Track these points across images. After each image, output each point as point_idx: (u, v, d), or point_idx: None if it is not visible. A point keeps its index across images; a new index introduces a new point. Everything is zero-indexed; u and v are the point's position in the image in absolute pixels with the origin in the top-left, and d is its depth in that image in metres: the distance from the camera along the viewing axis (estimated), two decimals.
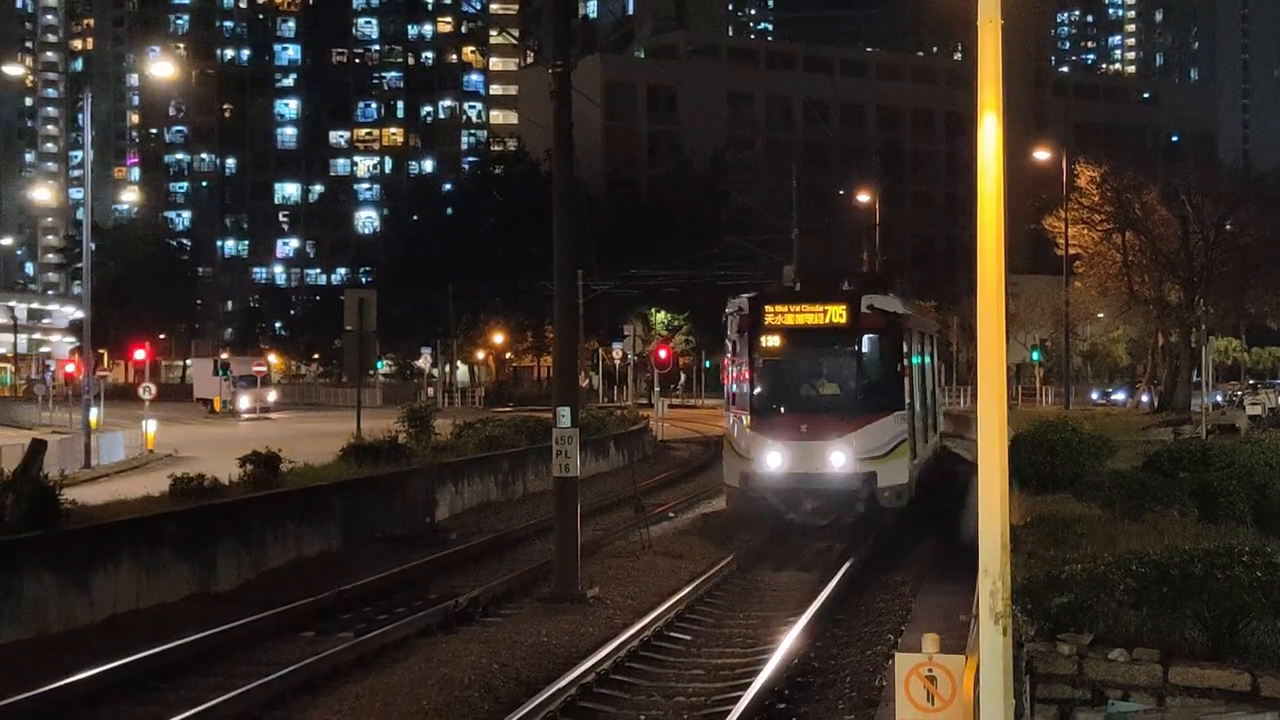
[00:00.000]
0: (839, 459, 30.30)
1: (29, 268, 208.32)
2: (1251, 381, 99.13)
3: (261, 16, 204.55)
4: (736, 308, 33.51)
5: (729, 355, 36.81)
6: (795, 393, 33.08)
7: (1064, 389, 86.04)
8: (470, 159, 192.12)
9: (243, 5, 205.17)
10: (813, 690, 17.97)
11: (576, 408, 25.95)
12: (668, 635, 21.43)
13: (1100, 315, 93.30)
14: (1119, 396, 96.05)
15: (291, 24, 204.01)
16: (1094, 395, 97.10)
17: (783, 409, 32.28)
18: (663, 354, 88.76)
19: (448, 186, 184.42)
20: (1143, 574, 11.40)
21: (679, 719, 16.82)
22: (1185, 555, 11.65)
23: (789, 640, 19.40)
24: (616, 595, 24.84)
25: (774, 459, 30.94)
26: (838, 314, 31.45)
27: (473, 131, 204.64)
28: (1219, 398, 77.62)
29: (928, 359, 41.05)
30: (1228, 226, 79.36)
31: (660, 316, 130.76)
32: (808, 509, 31.59)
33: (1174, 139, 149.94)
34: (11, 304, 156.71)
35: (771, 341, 31.98)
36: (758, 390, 32.50)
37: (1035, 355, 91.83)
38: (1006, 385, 7.87)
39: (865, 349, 31.84)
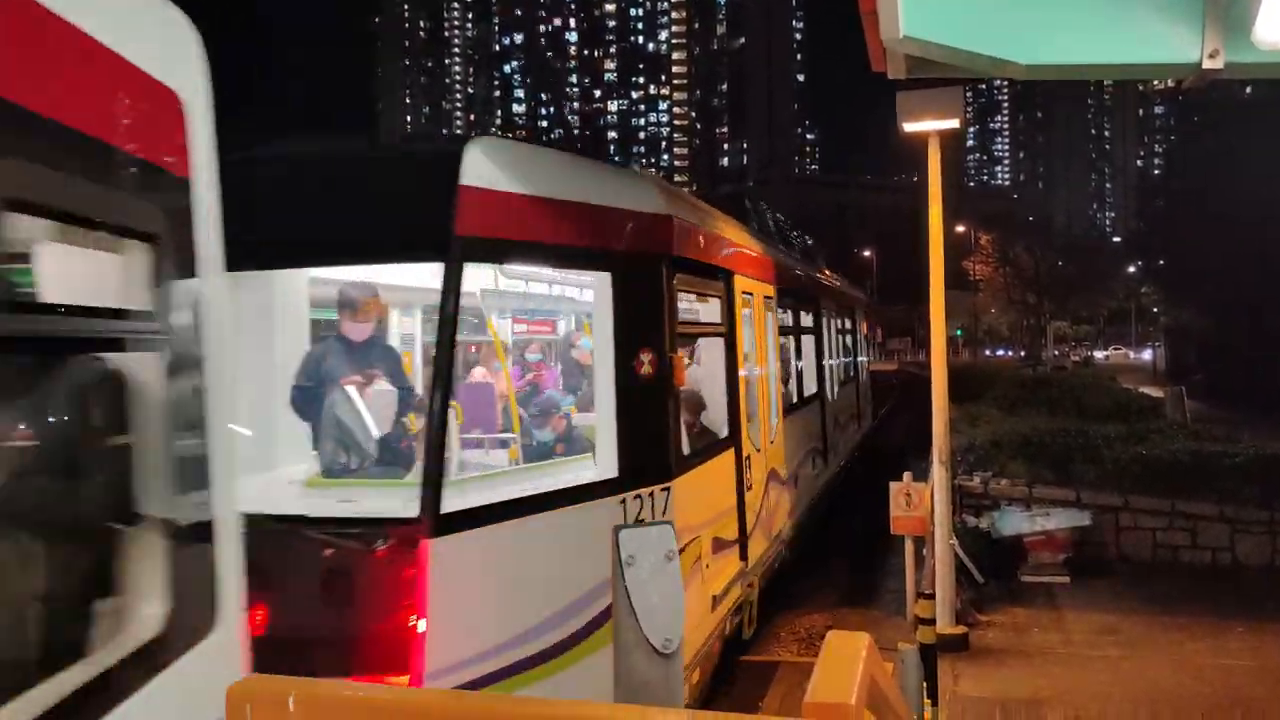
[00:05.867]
0: None
1: None
2: (1073, 343, 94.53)
3: None
4: None
5: None
6: None
7: (973, 351, 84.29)
8: None
9: None
10: None
11: None
12: None
13: (992, 310, 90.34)
14: (1002, 353, 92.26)
15: None
16: (986, 352, 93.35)
17: None
18: None
19: None
20: (1018, 440, 11.14)
21: None
22: (1040, 430, 11.37)
23: None
24: None
25: None
26: None
27: None
28: (1056, 353, 74.60)
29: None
30: (1059, 263, 78.06)
31: None
32: None
33: (1030, 218, 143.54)
34: None
35: None
36: None
37: (959, 333, 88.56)
38: (946, 347, 7.73)
39: None
